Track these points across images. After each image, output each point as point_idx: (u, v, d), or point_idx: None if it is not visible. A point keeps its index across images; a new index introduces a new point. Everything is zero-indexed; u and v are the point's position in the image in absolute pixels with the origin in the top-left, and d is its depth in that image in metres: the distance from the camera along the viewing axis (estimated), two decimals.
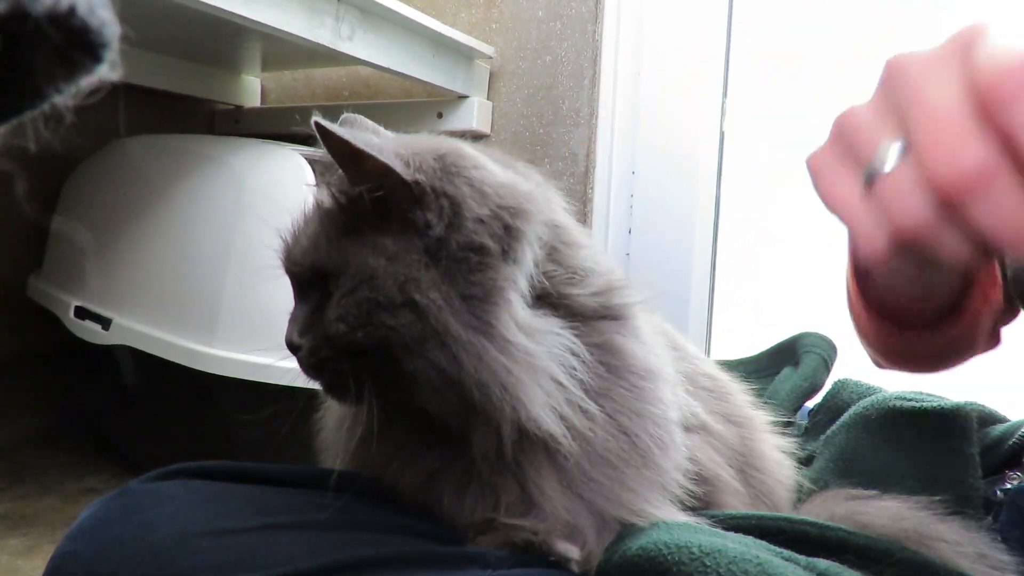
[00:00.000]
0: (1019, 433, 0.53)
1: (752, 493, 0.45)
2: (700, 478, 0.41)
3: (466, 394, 0.36)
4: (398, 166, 0.36)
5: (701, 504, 0.41)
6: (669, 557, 0.32)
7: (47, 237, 1.23)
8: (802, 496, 0.51)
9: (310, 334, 0.39)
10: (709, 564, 0.31)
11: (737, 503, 0.43)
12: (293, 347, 0.40)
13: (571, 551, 0.35)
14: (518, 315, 0.36)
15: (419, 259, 0.36)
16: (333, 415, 0.46)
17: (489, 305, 0.36)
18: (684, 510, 0.40)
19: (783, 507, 0.47)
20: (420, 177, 0.36)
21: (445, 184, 0.37)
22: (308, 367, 0.40)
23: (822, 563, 0.34)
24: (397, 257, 0.36)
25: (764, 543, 0.35)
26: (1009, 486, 0.51)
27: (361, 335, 0.36)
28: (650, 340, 0.42)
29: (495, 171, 0.39)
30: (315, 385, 0.42)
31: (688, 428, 0.43)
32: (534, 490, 0.37)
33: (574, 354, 0.37)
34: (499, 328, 0.35)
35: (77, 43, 0.16)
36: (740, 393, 0.49)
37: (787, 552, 0.34)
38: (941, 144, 0.24)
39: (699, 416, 0.44)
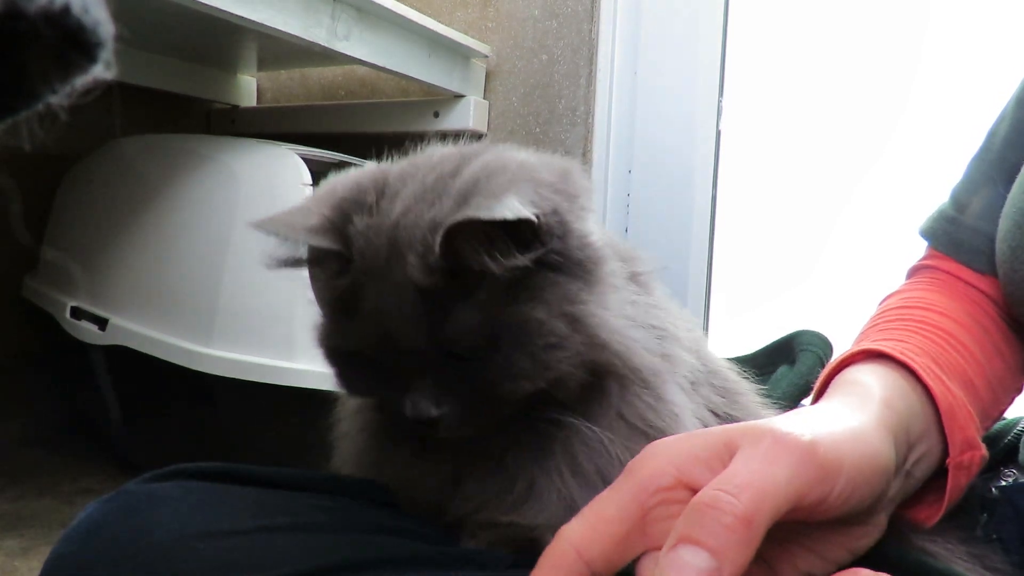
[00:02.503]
0: (1015, 430, 0.53)
1: None
2: None
3: (594, 369, 0.37)
4: (534, 215, 0.35)
5: None
6: None
7: (42, 237, 1.22)
8: None
9: (449, 399, 0.36)
10: None
11: None
12: (428, 421, 0.36)
13: None
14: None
15: (561, 281, 0.36)
16: (354, 424, 0.45)
17: (602, 286, 0.38)
18: None
19: None
20: (542, 216, 0.35)
21: (549, 213, 0.36)
22: (453, 431, 0.37)
23: None
24: (548, 297, 0.36)
25: None
26: (1004, 483, 0.51)
27: (542, 382, 0.36)
28: (667, 306, 0.44)
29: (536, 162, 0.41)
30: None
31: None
32: (553, 473, 0.37)
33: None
34: (612, 303, 0.38)
35: (72, 42, 0.16)
36: (751, 392, 0.49)
37: None
38: None
39: (703, 416, 0.44)
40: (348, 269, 0.37)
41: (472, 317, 0.35)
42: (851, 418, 0.34)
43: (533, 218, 0.34)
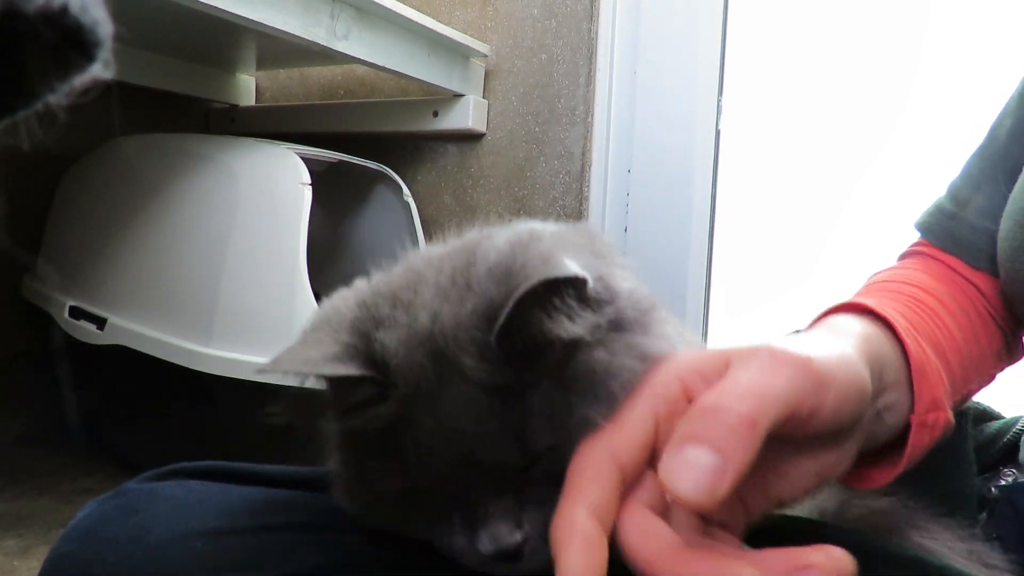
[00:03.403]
0: (1014, 430, 0.53)
1: None
2: None
3: None
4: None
5: None
6: None
7: (41, 237, 1.22)
8: None
9: (530, 513, 0.31)
10: None
11: None
12: (515, 551, 0.31)
13: None
14: None
15: (623, 336, 0.33)
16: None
17: (658, 328, 0.36)
18: None
19: None
20: (591, 281, 0.32)
21: (596, 279, 0.33)
22: (537, 558, 0.31)
23: None
24: (614, 346, 0.32)
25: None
26: (1004, 483, 0.51)
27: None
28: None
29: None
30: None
31: None
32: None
33: None
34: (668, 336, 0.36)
35: (70, 42, 0.16)
36: None
37: None
38: None
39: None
40: (385, 395, 0.31)
41: (550, 402, 0.31)
42: (836, 343, 0.35)
43: (589, 279, 0.31)
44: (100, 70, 0.17)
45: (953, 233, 0.56)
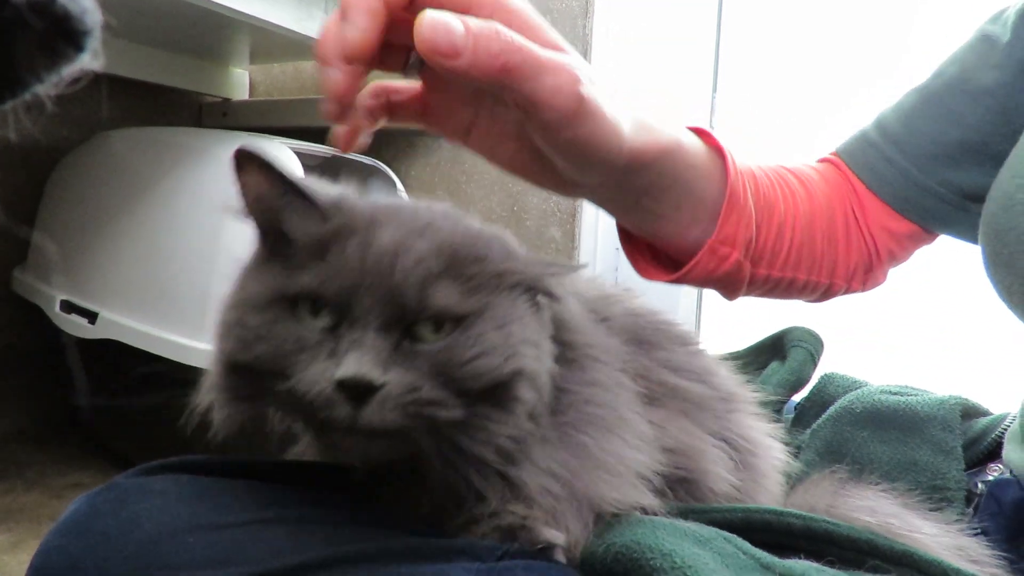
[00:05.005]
0: (1002, 426, 0.54)
1: (748, 476, 0.45)
2: (675, 451, 0.41)
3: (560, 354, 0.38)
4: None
5: (683, 478, 0.41)
6: (651, 563, 0.33)
7: (32, 230, 1.22)
8: (790, 483, 0.51)
9: (398, 370, 0.32)
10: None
11: (721, 469, 0.43)
12: (369, 386, 0.31)
13: (557, 537, 0.35)
14: None
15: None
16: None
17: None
18: (666, 487, 0.39)
19: (776, 492, 0.48)
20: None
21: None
22: (387, 413, 0.32)
23: (797, 568, 0.34)
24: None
25: (747, 544, 0.35)
26: (990, 478, 0.51)
27: (507, 369, 0.34)
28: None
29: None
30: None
31: (654, 398, 0.41)
32: (520, 475, 0.37)
33: None
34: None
35: (58, 31, 0.16)
36: (723, 369, 0.49)
37: (767, 559, 0.34)
38: None
39: (667, 382, 0.43)
40: (325, 224, 0.35)
41: (467, 291, 0.35)
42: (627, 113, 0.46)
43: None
44: (89, 60, 0.17)
45: (868, 159, 0.60)
